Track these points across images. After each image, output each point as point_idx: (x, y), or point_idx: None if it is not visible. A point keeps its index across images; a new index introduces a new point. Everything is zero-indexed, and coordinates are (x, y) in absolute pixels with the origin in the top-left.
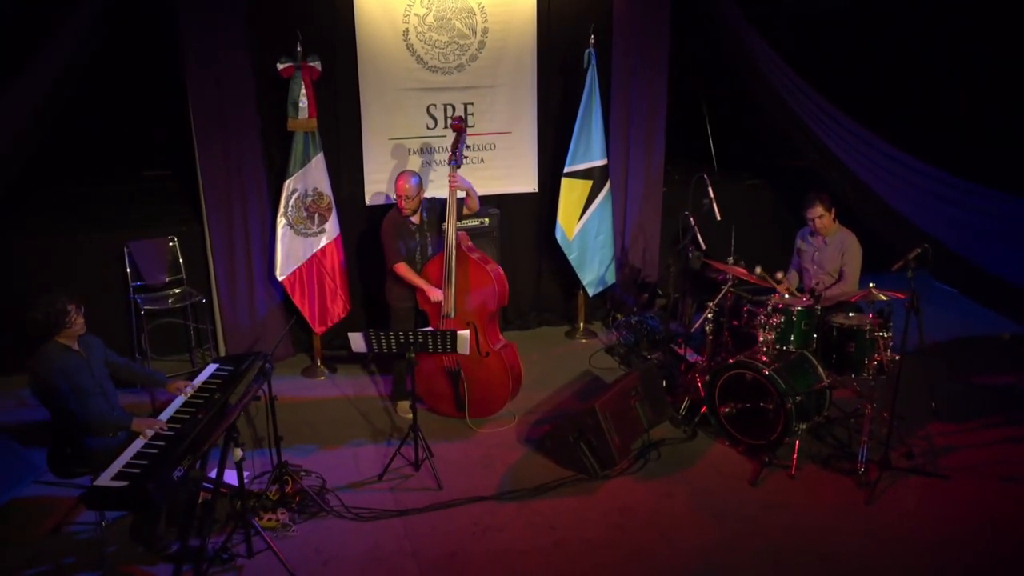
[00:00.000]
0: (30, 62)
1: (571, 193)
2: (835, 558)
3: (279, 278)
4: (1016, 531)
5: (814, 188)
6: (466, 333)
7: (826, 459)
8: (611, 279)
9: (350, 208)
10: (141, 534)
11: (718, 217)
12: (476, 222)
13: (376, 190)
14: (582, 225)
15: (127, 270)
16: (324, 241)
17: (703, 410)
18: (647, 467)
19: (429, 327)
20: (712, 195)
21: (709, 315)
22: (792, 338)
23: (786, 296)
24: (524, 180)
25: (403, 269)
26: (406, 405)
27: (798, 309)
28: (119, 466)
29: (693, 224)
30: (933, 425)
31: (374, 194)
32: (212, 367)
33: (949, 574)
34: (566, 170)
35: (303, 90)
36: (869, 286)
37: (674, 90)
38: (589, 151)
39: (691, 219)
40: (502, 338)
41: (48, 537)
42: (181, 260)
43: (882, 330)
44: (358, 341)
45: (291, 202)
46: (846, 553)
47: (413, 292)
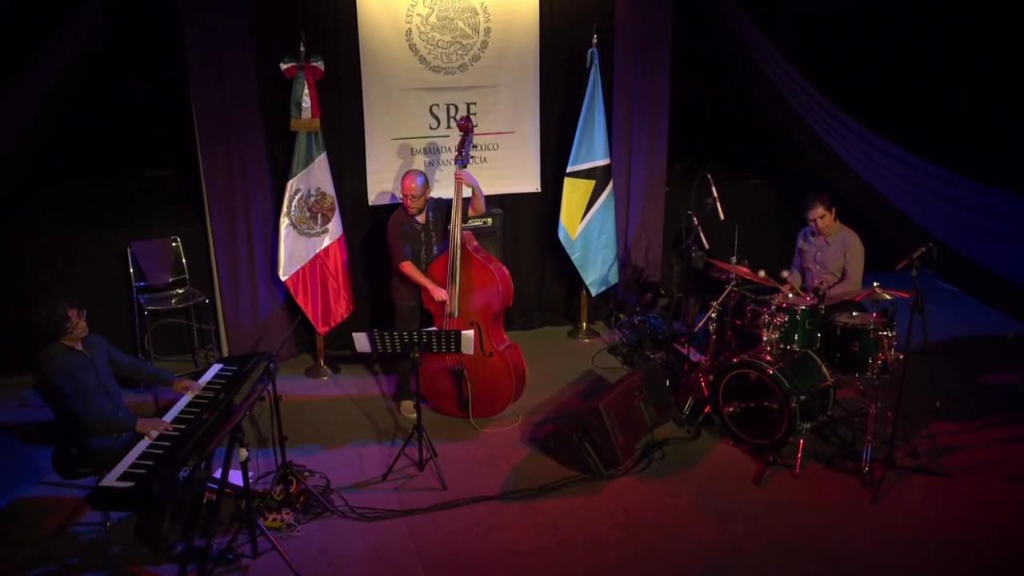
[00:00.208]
0: (31, 63)
1: (574, 193)
2: (839, 557)
3: (282, 278)
4: (1020, 529)
5: (814, 189)
6: (470, 333)
7: (830, 458)
8: (614, 279)
9: (353, 208)
10: (145, 534)
11: (722, 216)
12: (479, 222)
13: (379, 190)
14: (585, 225)
15: (130, 270)
16: (327, 241)
17: (707, 409)
18: (651, 467)
19: (433, 327)
20: (716, 194)
21: (713, 314)
22: (796, 337)
23: (790, 295)
24: (527, 180)
25: (408, 268)
26: (410, 405)
27: (802, 308)
28: (124, 467)
29: (696, 224)
30: (937, 424)
31: (377, 194)
32: (216, 367)
33: (953, 573)
34: (569, 170)
35: (306, 90)
36: (873, 285)
37: (676, 89)
38: (592, 151)
39: (694, 219)
40: (507, 338)
41: (53, 537)
42: (184, 260)
43: (886, 329)
44: (362, 341)
45: (294, 202)
46: (851, 552)
47: (418, 291)
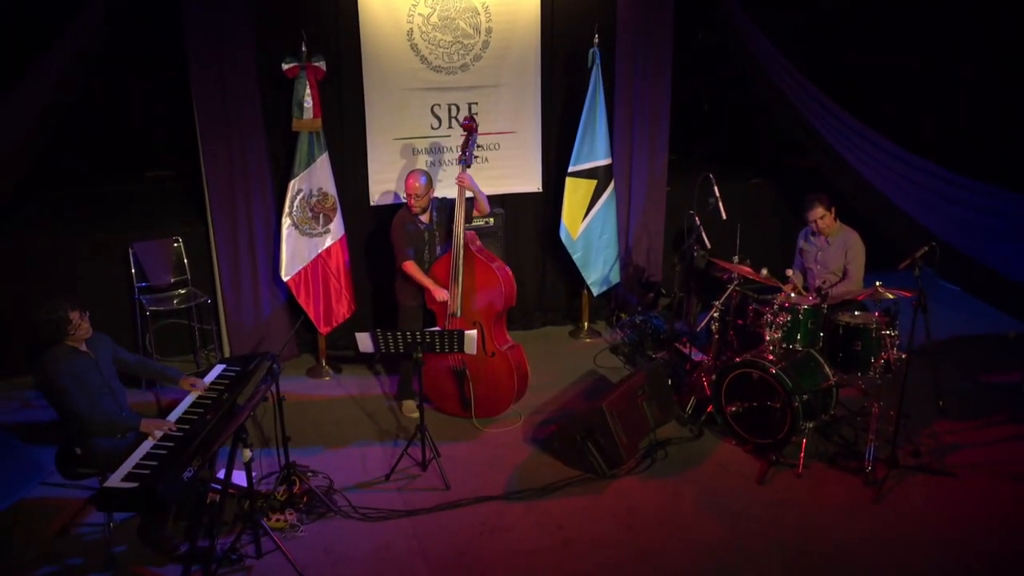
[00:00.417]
0: (32, 63)
1: (575, 192)
2: (843, 556)
3: (284, 278)
4: (1023, 528)
5: (814, 188)
6: (473, 333)
7: (833, 458)
8: (615, 278)
9: (355, 208)
10: (149, 535)
11: (724, 216)
12: (481, 222)
13: (381, 190)
14: (586, 224)
15: (132, 271)
16: (329, 241)
17: (709, 409)
18: (654, 466)
19: (437, 326)
20: (718, 194)
21: (715, 314)
22: (798, 337)
23: (792, 295)
24: (528, 180)
25: (411, 268)
26: (411, 405)
27: (804, 308)
28: (129, 467)
29: (698, 223)
30: (940, 423)
31: (379, 194)
32: (219, 367)
33: (956, 571)
34: (570, 169)
35: (308, 90)
36: (875, 284)
37: (678, 89)
38: (593, 150)
39: (696, 218)
40: (509, 339)
41: (56, 538)
42: (186, 261)
43: (888, 328)
44: (365, 341)
45: (296, 202)
46: (854, 551)
47: (422, 291)
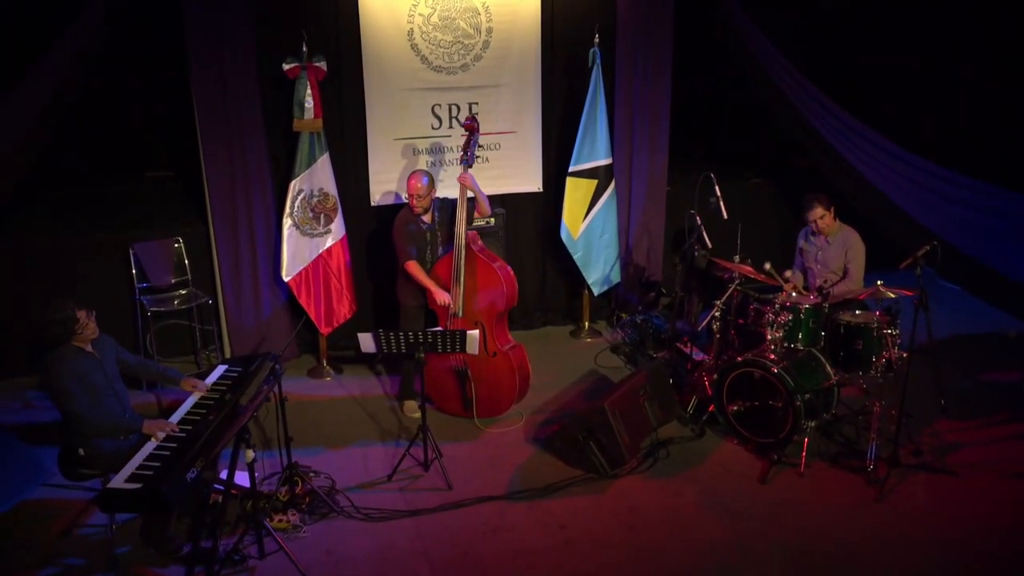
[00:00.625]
0: (32, 63)
1: (576, 192)
2: (845, 555)
3: (285, 279)
4: None
5: (812, 190)
6: (475, 333)
7: (835, 457)
8: (616, 278)
9: (356, 208)
10: (152, 536)
11: (725, 215)
12: (482, 222)
13: (381, 190)
14: (587, 224)
15: (132, 271)
16: (330, 241)
17: (711, 408)
18: (656, 466)
19: (438, 326)
20: (719, 193)
21: (716, 313)
22: (800, 336)
23: (793, 294)
24: (529, 179)
25: (413, 268)
26: (413, 405)
27: (806, 307)
28: (132, 468)
29: (699, 223)
30: (941, 422)
31: (380, 194)
32: (221, 368)
33: (959, 570)
34: (571, 169)
35: (309, 90)
36: (877, 283)
37: (678, 89)
38: (594, 150)
39: (697, 218)
40: (511, 339)
41: (59, 539)
42: (186, 261)
43: (889, 327)
44: (367, 341)
45: (297, 202)
46: (856, 550)
47: (423, 291)
